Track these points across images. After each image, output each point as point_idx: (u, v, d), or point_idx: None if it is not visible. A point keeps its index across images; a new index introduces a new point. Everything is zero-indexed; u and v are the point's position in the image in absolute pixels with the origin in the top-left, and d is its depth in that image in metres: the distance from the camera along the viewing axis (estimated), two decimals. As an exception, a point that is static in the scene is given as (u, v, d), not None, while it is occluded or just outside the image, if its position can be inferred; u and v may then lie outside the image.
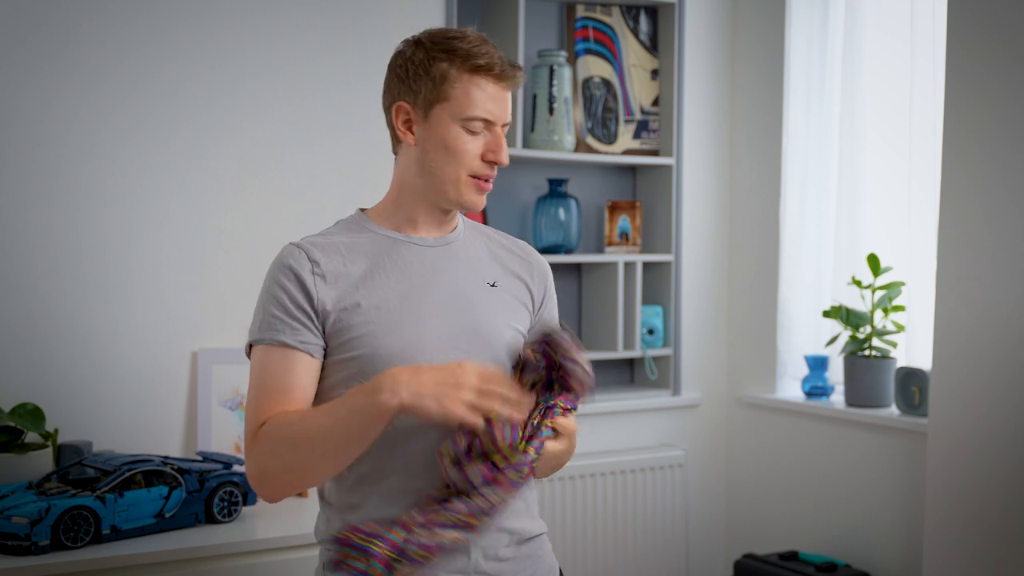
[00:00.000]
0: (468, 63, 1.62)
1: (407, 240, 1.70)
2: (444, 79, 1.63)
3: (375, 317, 1.62)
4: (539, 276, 1.81)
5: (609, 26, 3.45)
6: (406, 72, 1.67)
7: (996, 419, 2.62)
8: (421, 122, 1.67)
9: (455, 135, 1.64)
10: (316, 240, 1.69)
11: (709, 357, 3.65)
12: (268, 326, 1.62)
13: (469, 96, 1.63)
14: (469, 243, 1.76)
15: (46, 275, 2.58)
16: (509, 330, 1.71)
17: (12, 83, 2.54)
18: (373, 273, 1.65)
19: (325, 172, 2.92)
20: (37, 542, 2.12)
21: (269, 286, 1.65)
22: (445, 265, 1.70)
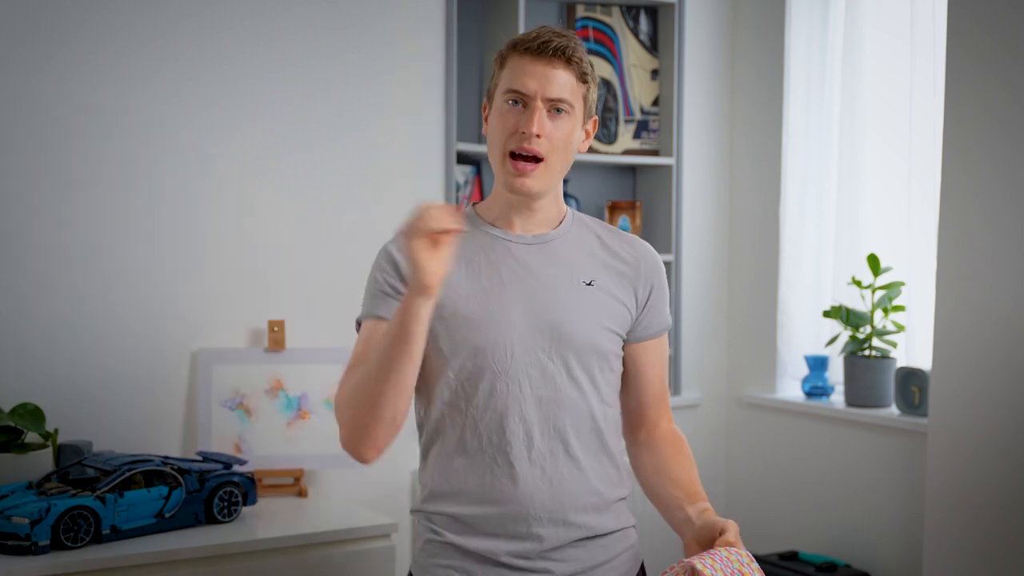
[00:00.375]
0: (512, 43, 1.69)
1: (504, 237, 1.75)
2: (500, 64, 1.71)
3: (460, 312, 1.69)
4: (647, 273, 1.81)
5: (609, 26, 3.45)
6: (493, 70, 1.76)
7: (996, 419, 2.62)
8: (489, 110, 1.75)
9: (499, 112, 1.69)
10: None
11: (709, 357, 3.65)
12: (368, 306, 1.73)
13: (509, 73, 1.68)
14: (572, 240, 1.78)
15: (46, 275, 2.58)
16: (599, 329, 1.73)
17: (12, 83, 2.54)
18: (467, 268, 1.72)
19: (325, 172, 2.92)
20: (37, 542, 2.12)
21: (372, 275, 1.75)
22: (538, 263, 1.74)
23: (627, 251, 1.81)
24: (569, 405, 1.71)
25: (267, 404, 2.76)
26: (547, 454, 1.69)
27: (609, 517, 1.75)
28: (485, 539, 1.69)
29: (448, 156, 3.08)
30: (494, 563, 1.69)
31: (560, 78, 1.67)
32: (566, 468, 1.70)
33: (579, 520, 1.71)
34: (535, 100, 1.66)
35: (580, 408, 1.72)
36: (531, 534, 1.68)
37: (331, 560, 2.40)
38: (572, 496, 1.70)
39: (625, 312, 1.77)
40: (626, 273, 1.79)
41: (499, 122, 1.69)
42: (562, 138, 1.69)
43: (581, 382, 1.72)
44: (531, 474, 1.68)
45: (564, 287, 1.73)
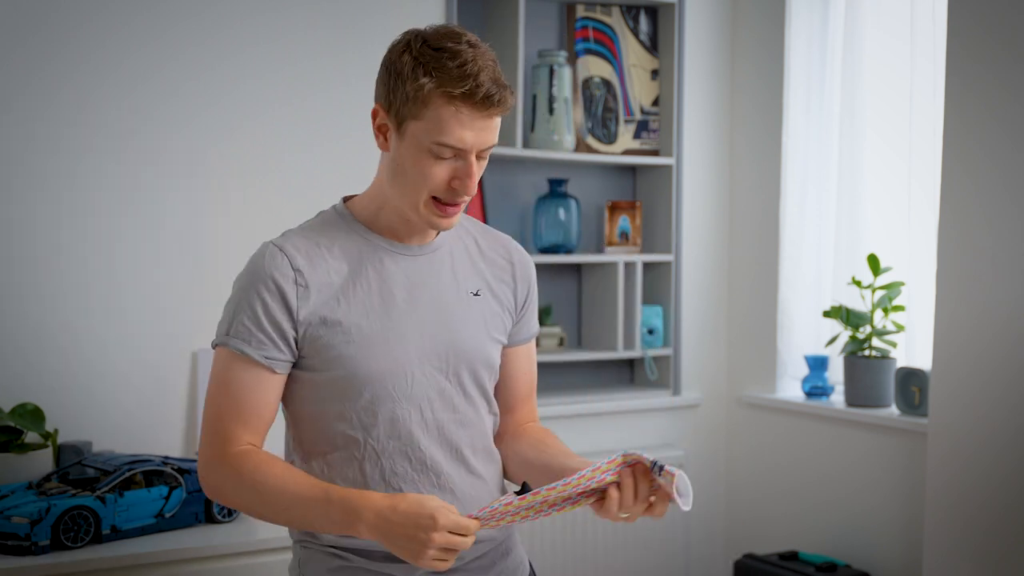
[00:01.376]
0: (447, 87, 1.51)
1: (391, 248, 1.64)
2: (419, 97, 1.52)
3: (355, 337, 1.58)
4: (522, 276, 1.76)
5: (609, 26, 3.45)
6: (388, 75, 1.57)
7: (996, 419, 2.62)
8: (394, 132, 1.58)
9: (423, 157, 1.54)
10: (299, 243, 1.61)
11: (709, 357, 3.65)
12: (236, 334, 1.58)
13: (442, 122, 1.51)
14: (455, 246, 1.71)
15: (46, 275, 2.58)
16: (489, 341, 1.70)
17: (12, 83, 2.54)
18: (355, 283, 1.61)
19: (325, 172, 2.92)
20: (37, 542, 2.12)
21: (246, 290, 1.59)
22: (428, 277, 1.66)
23: (502, 254, 1.75)
24: (467, 424, 1.66)
25: (267, 404, 2.75)
26: (454, 477, 1.64)
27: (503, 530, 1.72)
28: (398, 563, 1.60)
29: (448, 156, 3.08)
30: None
31: (494, 125, 1.56)
32: (471, 487, 1.66)
33: (489, 534, 1.68)
34: (470, 154, 1.54)
35: (476, 425, 1.68)
36: None
37: (331, 560, 2.40)
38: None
39: (508, 319, 1.73)
40: (504, 279, 1.74)
41: (421, 170, 1.54)
42: (481, 171, 1.59)
43: (475, 398, 1.67)
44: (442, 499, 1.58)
45: (454, 300, 1.66)
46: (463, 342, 1.65)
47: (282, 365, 1.59)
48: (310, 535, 1.66)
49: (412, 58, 1.55)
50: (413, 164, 1.55)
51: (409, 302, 1.63)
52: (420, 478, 1.62)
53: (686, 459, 3.52)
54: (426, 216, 1.58)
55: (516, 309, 1.75)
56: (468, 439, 1.67)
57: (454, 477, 1.64)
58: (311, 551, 1.66)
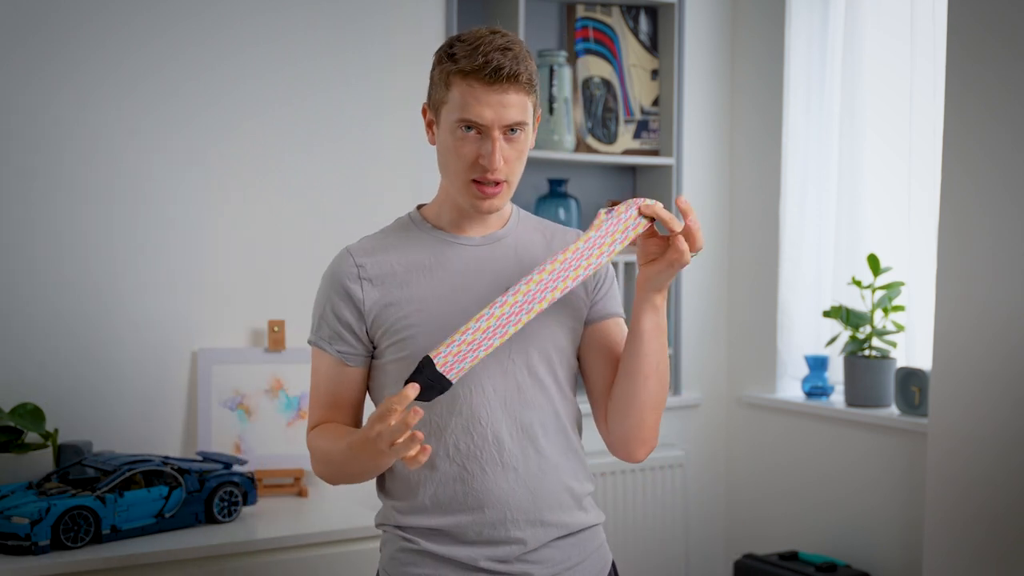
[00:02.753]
0: (459, 65, 1.62)
1: (454, 241, 1.73)
2: (443, 82, 1.65)
3: (417, 319, 1.67)
4: None
5: (609, 26, 3.45)
6: (431, 75, 1.70)
7: (996, 419, 2.62)
8: (436, 124, 1.69)
9: (452, 139, 1.65)
10: (366, 244, 1.75)
11: (709, 357, 3.65)
12: (317, 332, 1.74)
13: (460, 99, 1.62)
14: (522, 238, 1.77)
15: (46, 275, 2.58)
16: (555, 325, 1.72)
17: (12, 83, 2.54)
18: (418, 271, 1.70)
19: (325, 172, 2.92)
20: (37, 542, 2.12)
21: (322, 292, 1.74)
22: (491, 263, 1.72)
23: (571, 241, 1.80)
24: (534, 403, 1.69)
25: (267, 404, 2.76)
26: (519, 455, 1.68)
27: (581, 512, 1.74)
28: (463, 547, 1.67)
29: (448, 156, 3.08)
30: (473, 568, 1.67)
31: (513, 102, 1.63)
32: (538, 467, 1.69)
33: (555, 519, 1.70)
34: (492, 130, 1.62)
35: (544, 406, 1.71)
36: (510, 538, 1.67)
37: (331, 560, 2.40)
38: (547, 495, 1.69)
39: (578, 303, 1.76)
40: None
41: (455, 150, 1.65)
42: (518, 155, 1.67)
43: (544, 379, 1.71)
44: (505, 478, 1.67)
45: None
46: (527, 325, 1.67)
47: (354, 359, 1.72)
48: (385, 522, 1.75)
49: (441, 52, 1.68)
50: (449, 148, 1.66)
51: (469, 287, 1.69)
52: (483, 455, 1.67)
53: (686, 459, 3.52)
54: (469, 199, 1.68)
55: (588, 294, 1.77)
56: (537, 418, 1.70)
57: (518, 454, 1.67)
58: (387, 535, 1.76)
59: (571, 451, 1.75)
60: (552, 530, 1.70)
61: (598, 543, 1.78)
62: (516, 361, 1.68)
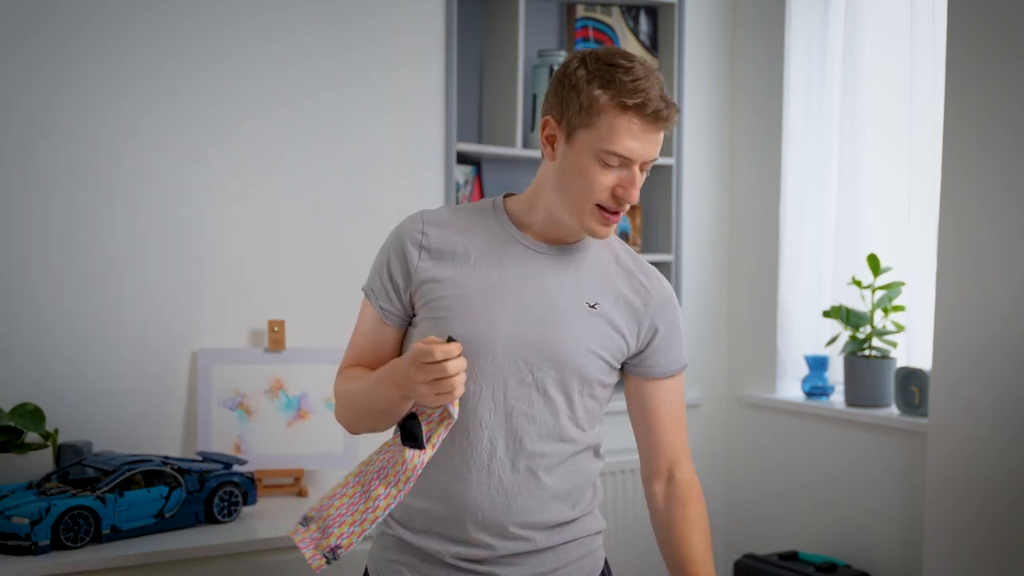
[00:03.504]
0: (620, 98, 1.59)
1: (521, 241, 1.72)
2: (593, 107, 1.60)
3: (454, 303, 1.67)
4: (656, 310, 1.75)
5: (609, 26, 3.45)
6: (563, 87, 1.64)
7: (996, 419, 2.62)
8: (563, 141, 1.65)
9: (591, 164, 1.62)
10: (443, 213, 1.75)
11: (709, 357, 3.65)
12: (370, 283, 1.77)
13: (613, 130, 1.60)
14: (590, 258, 1.74)
15: (46, 275, 2.58)
16: (589, 354, 1.69)
17: (12, 83, 2.54)
18: (476, 260, 1.70)
19: (325, 172, 2.92)
20: (37, 542, 2.12)
21: (384, 248, 1.76)
22: (546, 273, 1.70)
23: (642, 284, 1.75)
24: (539, 422, 1.67)
25: (267, 404, 2.76)
26: (508, 466, 1.66)
27: (560, 533, 1.72)
28: (429, 538, 1.69)
29: (448, 156, 3.08)
30: (440, 563, 1.68)
31: (660, 140, 1.64)
32: (524, 483, 1.67)
33: (524, 534, 1.68)
34: (635, 164, 1.62)
35: (550, 427, 1.68)
36: (475, 540, 1.66)
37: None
38: (523, 512, 1.67)
39: (622, 343, 1.73)
40: (635, 305, 1.73)
41: (590, 176, 1.62)
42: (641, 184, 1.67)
43: (556, 402, 1.68)
44: (486, 482, 1.66)
45: (566, 304, 1.69)
46: (558, 343, 1.67)
47: (393, 318, 1.74)
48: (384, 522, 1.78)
49: (587, 71, 1.63)
50: (581, 172, 1.63)
51: (518, 290, 1.68)
52: (473, 454, 1.66)
53: (686, 459, 3.52)
54: (589, 223, 1.66)
55: (639, 341, 1.75)
56: (539, 439, 1.68)
57: (507, 466, 1.66)
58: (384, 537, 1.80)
59: (574, 475, 1.73)
60: (521, 543, 1.68)
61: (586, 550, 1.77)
62: (535, 376, 1.67)
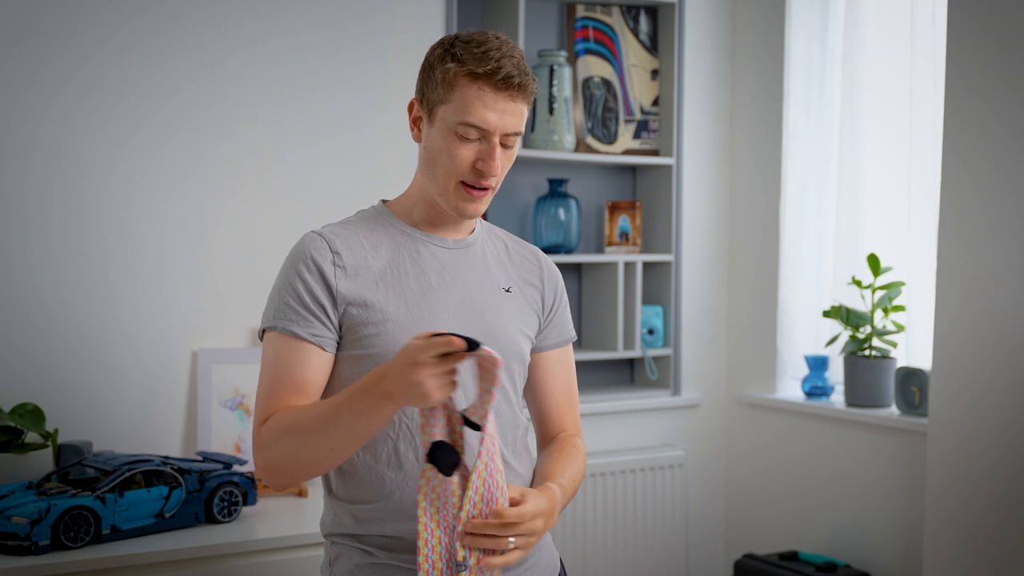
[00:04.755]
0: (469, 67, 1.60)
1: (427, 239, 1.71)
2: (446, 80, 1.62)
3: (391, 316, 1.62)
4: (550, 280, 1.82)
5: (609, 26, 3.45)
6: (424, 70, 1.68)
7: (996, 419, 2.62)
8: (426, 121, 1.66)
9: (450, 140, 1.62)
10: (337, 231, 1.68)
11: (709, 357, 3.65)
12: (282, 315, 1.62)
13: (466, 101, 1.60)
14: (487, 247, 1.78)
15: (46, 275, 2.58)
16: (521, 336, 1.73)
17: (12, 83, 2.54)
18: (393, 270, 1.66)
19: (325, 171, 2.92)
20: (37, 542, 2.12)
21: (288, 274, 1.65)
22: (462, 268, 1.71)
23: (531, 260, 1.81)
24: (500, 412, 1.68)
25: (267, 404, 2.75)
26: None
27: None
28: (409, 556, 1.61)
29: (448, 156, 3.08)
30: None
31: (518, 111, 1.63)
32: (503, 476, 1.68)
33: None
34: (494, 136, 1.62)
35: (507, 415, 1.70)
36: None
37: (331, 560, 2.40)
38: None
39: (535, 320, 1.77)
40: (532, 282, 1.79)
41: (449, 151, 1.62)
42: (508, 163, 1.67)
43: (507, 389, 1.71)
44: None
45: (488, 293, 1.71)
46: (496, 332, 1.68)
47: (329, 342, 1.63)
48: (338, 532, 1.67)
49: (443, 50, 1.65)
50: (442, 148, 1.63)
51: (444, 289, 1.68)
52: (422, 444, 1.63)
53: (686, 459, 3.52)
54: (454, 201, 1.65)
55: (544, 312, 1.79)
56: (502, 429, 1.68)
57: None
58: (340, 547, 1.68)
59: (528, 459, 1.76)
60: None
61: (546, 541, 1.78)
62: None
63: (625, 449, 3.49)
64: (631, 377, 3.63)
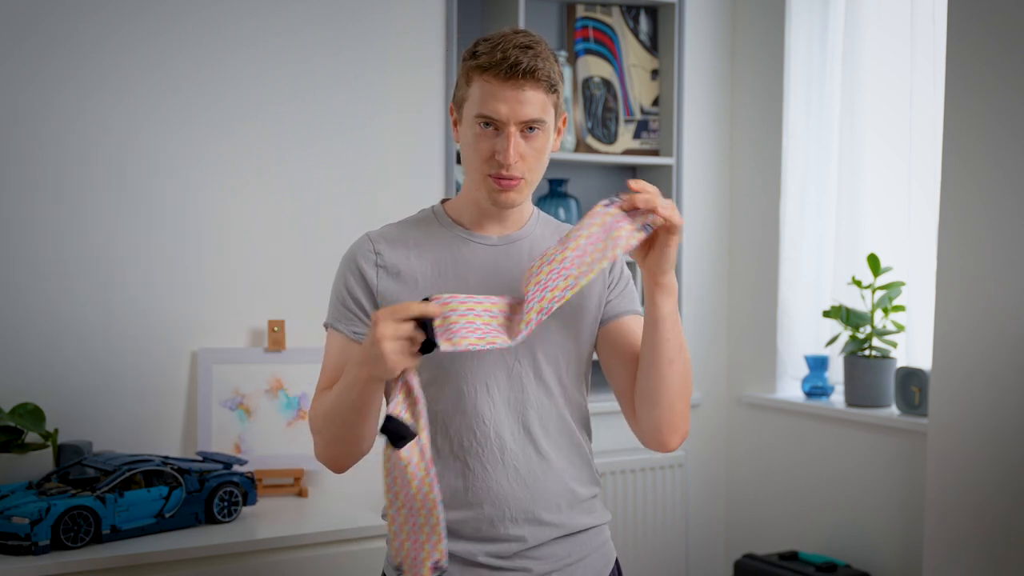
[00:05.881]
0: (479, 61, 1.64)
1: (470, 239, 1.74)
2: (465, 78, 1.68)
3: None
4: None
5: (609, 26, 3.45)
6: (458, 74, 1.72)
7: (996, 419, 2.62)
8: (459, 121, 1.72)
9: (472, 134, 1.67)
10: (388, 230, 1.76)
11: (709, 357, 3.65)
12: (333, 314, 1.75)
13: (478, 95, 1.64)
14: (537, 240, 1.77)
15: (46, 275, 2.58)
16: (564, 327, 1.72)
17: (13, 83, 2.54)
18: (434, 267, 1.71)
19: (326, 170, 2.92)
20: (37, 542, 2.12)
21: (339, 275, 1.76)
22: (505, 266, 1.73)
23: None
24: (538, 406, 1.71)
25: (267, 404, 2.76)
26: (519, 455, 1.69)
27: (582, 514, 1.75)
28: (462, 542, 1.68)
29: (448, 156, 3.08)
30: (472, 563, 1.69)
31: (530, 98, 1.64)
32: (539, 468, 1.70)
33: (554, 519, 1.71)
34: (508, 126, 1.63)
35: (548, 408, 1.72)
36: (509, 535, 1.68)
37: (331, 560, 2.40)
38: (546, 495, 1.70)
39: (591, 307, 1.76)
40: None
41: (473, 145, 1.66)
42: (537, 153, 1.67)
43: (549, 383, 1.72)
44: (505, 476, 1.68)
45: None
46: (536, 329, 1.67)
47: None
48: None
49: (467, 51, 1.70)
50: (468, 143, 1.68)
51: (482, 287, 1.69)
52: (485, 452, 1.68)
53: (686, 459, 3.52)
54: (487, 193, 1.68)
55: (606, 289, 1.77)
56: (540, 420, 1.71)
57: (519, 455, 1.69)
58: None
59: (576, 454, 1.76)
60: (551, 529, 1.71)
61: (601, 541, 1.79)
62: (522, 363, 1.70)
63: (625, 449, 3.49)
64: (631, 377, 3.63)
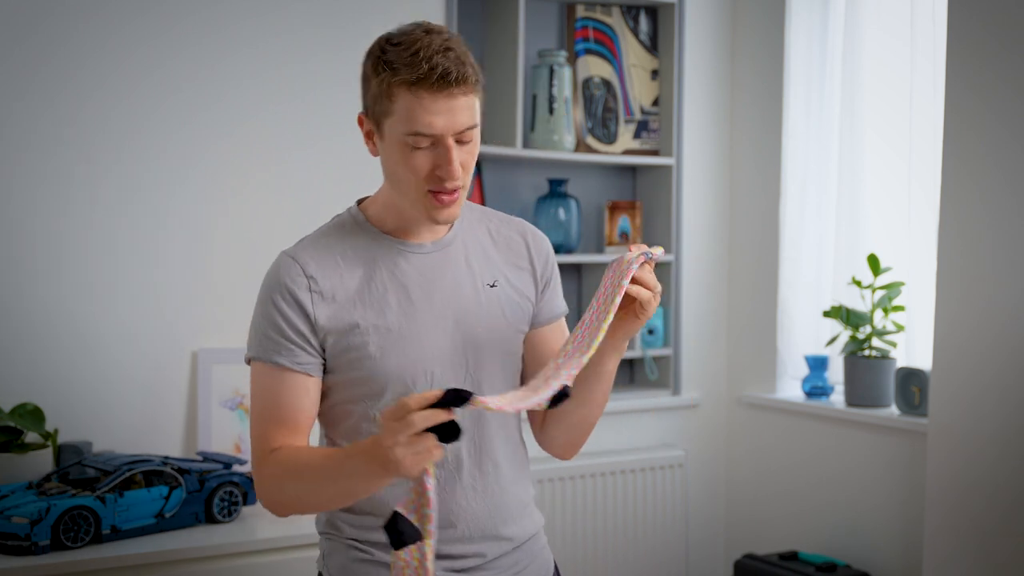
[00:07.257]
0: (401, 75, 1.50)
1: (403, 247, 1.65)
2: (383, 93, 1.53)
3: (374, 338, 1.59)
4: (538, 254, 1.74)
5: (609, 26, 3.45)
6: (362, 82, 1.59)
7: (996, 419, 2.62)
8: (377, 135, 1.59)
9: (403, 152, 1.54)
10: (311, 250, 1.63)
11: (709, 357, 3.65)
12: (265, 346, 1.59)
13: (408, 111, 1.51)
14: (468, 239, 1.70)
15: (46, 275, 2.58)
16: (511, 332, 1.68)
17: (12, 83, 2.54)
18: (370, 286, 1.61)
19: (324, 171, 2.92)
20: (37, 542, 2.12)
21: (264, 303, 1.61)
22: (442, 272, 1.65)
23: (516, 240, 1.73)
24: (492, 421, 1.66)
25: (267, 404, 2.75)
26: (477, 474, 1.64)
27: (528, 521, 1.72)
28: None
29: (448, 156, 3.08)
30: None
31: (463, 105, 1.52)
32: (496, 483, 1.66)
33: (510, 532, 1.68)
34: (446, 139, 1.52)
35: (497, 418, 1.67)
36: (468, 552, 1.64)
37: (331, 560, 2.40)
38: (503, 509, 1.67)
39: (528, 305, 1.71)
40: (520, 264, 1.72)
41: (406, 163, 1.54)
42: (471, 157, 1.58)
43: (501, 390, 1.64)
44: (464, 496, 1.63)
45: (471, 294, 1.65)
46: (482, 336, 1.64)
47: (314, 367, 1.60)
48: (333, 528, 1.67)
49: (375, 59, 1.56)
50: (398, 161, 1.56)
51: (425, 300, 1.63)
52: (443, 474, 1.61)
53: (686, 459, 3.52)
54: (427, 211, 1.58)
55: (536, 290, 1.73)
56: (495, 436, 1.66)
57: (476, 473, 1.64)
58: (334, 543, 1.68)
59: (521, 460, 1.73)
60: (506, 544, 1.68)
61: (542, 545, 1.77)
62: (474, 377, 1.63)
63: (625, 449, 3.49)
64: (631, 377, 3.63)
